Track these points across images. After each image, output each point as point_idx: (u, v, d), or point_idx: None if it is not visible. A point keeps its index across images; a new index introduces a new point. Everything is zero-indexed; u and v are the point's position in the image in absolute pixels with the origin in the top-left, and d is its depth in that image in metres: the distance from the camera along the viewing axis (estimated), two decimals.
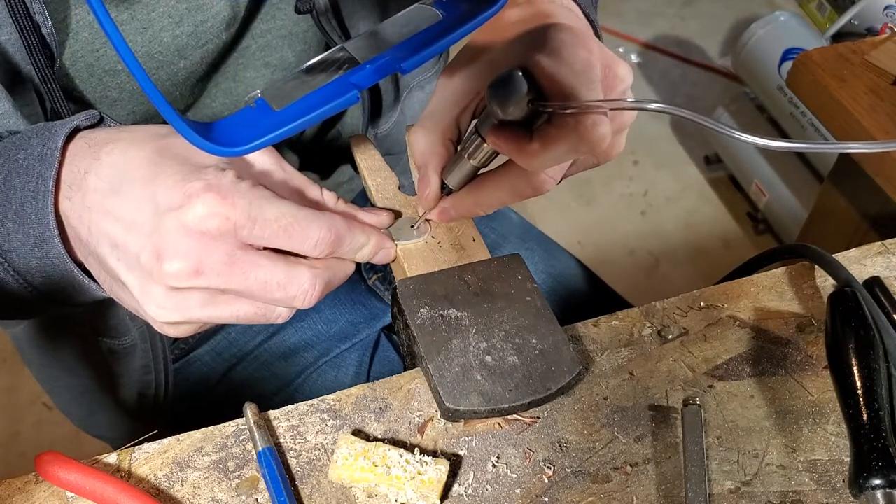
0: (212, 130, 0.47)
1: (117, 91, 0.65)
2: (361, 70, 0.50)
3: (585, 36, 0.54)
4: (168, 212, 0.48)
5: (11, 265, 0.53)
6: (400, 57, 0.50)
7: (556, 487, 0.55)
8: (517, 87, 0.50)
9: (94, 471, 0.52)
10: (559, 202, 2.18)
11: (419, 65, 0.50)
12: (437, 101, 0.60)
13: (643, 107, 0.50)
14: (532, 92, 0.51)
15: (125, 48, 0.42)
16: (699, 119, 0.47)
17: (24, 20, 0.54)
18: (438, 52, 0.50)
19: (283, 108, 0.48)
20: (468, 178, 0.60)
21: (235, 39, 0.70)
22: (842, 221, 1.30)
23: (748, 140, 0.46)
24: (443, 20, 0.51)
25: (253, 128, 0.47)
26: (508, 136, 0.53)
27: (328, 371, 0.86)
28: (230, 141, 0.46)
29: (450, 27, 0.50)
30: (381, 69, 0.50)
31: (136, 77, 0.42)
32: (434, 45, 0.50)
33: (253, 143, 0.47)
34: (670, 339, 0.63)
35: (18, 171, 0.52)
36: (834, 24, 2.05)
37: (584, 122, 0.50)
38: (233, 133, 0.47)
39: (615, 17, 2.67)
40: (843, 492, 0.55)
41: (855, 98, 1.09)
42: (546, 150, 0.51)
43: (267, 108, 0.48)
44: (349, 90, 0.48)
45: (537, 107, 0.51)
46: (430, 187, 0.60)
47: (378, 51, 0.50)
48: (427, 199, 0.61)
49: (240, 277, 0.49)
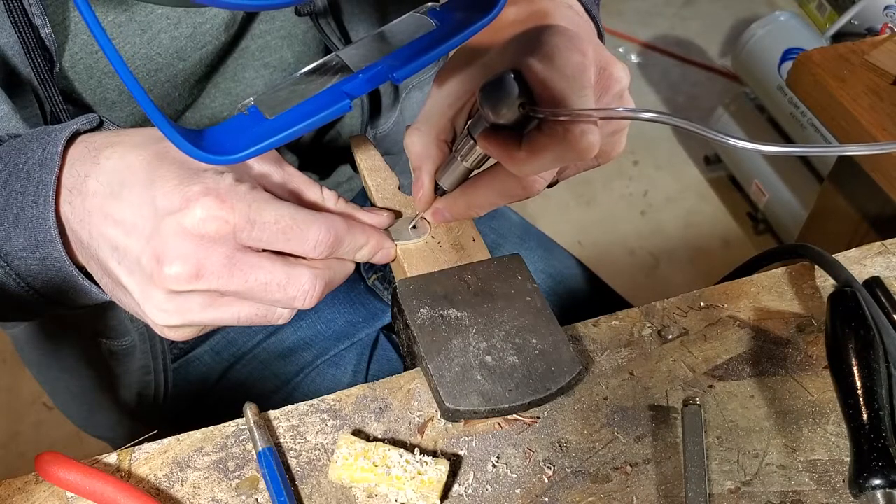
0: (203, 138, 0.47)
1: (116, 93, 0.65)
2: (354, 79, 0.50)
3: (580, 38, 0.54)
4: (167, 215, 0.48)
5: (13, 268, 0.53)
6: (393, 66, 0.50)
7: (556, 487, 0.55)
8: (508, 90, 0.50)
9: (94, 471, 0.52)
10: (559, 202, 2.18)
11: (412, 74, 0.50)
12: (432, 102, 0.60)
13: (636, 116, 0.50)
14: (523, 95, 0.51)
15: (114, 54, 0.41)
16: (693, 127, 0.47)
17: (22, 23, 0.54)
18: (431, 62, 0.50)
19: (275, 116, 0.48)
20: (461, 179, 0.60)
21: (234, 40, 0.70)
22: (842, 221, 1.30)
23: (742, 146, 0.46)
24: (437, 29, 0.51)
25: (245, 136, 0.47)
26: (498, 140, 0.53)
27: (327, 370, 0.86)
28: (222, 149, 0.46)
29: (444, 36, 0.50)
30: (373, 78, 0.50)
31: (126, 84, 0.42)
32: (427, 55, 0.50)
33: (245, 152, 0.47)
34: (670, 339, 0.63)
35: (19, 176, 0.52)
36: (834, 24, 2.05)
37: (573, 131, 0.50)
38: (225, 141, 0.47)
39: (615, 17, 2.67)
40: (843, 492, 0.55)
41: (855, 98, 1.09)
42: (534, 158, 0.51)
43: (259, 117, 0.48)
44: (342, 99, 0.48)
45: (528, 111, 0.51)
46: (423, 189, 0.61)
47: (371, 60, 0.50)
48: (420, 200, 0.61)
49: (240, 279, 0.49)
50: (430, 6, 0.52)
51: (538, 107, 0.51)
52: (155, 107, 0.43)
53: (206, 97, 0.73)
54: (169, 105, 0.70)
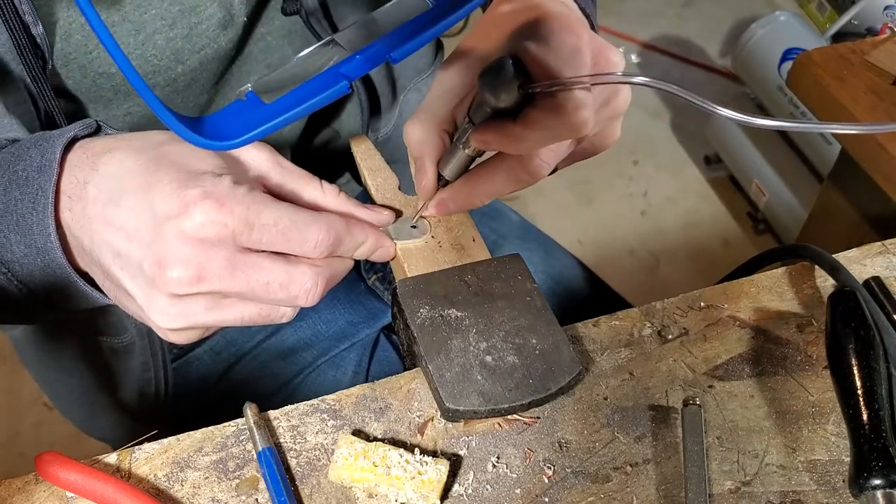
0: (203, 125, 0.47)
1: (112, 92, 0.65)
2: (351, 60, 0.50)
3: (575, 23, 0.54)
4: (167, 220, 0.48)
5: (14, 275, 0.54)
6: (390, 46, 0.50)
7: (556, 487, 0.55)
8: (506, 72, 0.50)
9: (94, 471, 0.52)
10: (559, 202, 2.18)
11: (409, 54, 0.50)
12: (432, 94, 0.60)
13: (627, 80, 0.50)
14: (521, 77, 0.51)
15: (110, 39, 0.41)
16: (684, 94, 0.47)
17: (13, 21, 0.54)
18: (428, 41, 0.50)
19: (273, 100, 0.48)
20: (464, 167, 0.60)
21: (238, 47, 0.70)
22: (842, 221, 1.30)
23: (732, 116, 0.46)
24: (432, 9, 0.51)
25: (244, 121, 0.47)
26: (494, 128, 0.53)
27: (327, 371, 0.86)
28: (221, 134, 0.46)
29: (439, 15, 0.50)
30: (370, 59, 0.50)
31: (122, 69, 0.42)
32: (423, 34, 0.50)
33: (244, 137, 0.47)
34: (670, 339, 0.63)
35: (18, 183, 0.52)
36: (834, 24, 2.05)
37: (566, 106, 0.50)
38: (224, 127, 0.47)
39: (615, 17, 2.67)
40: (843, 492, 0.55)
41: (855, 98, 1.09)
42: (529, 132, 0.51)
43: (258, 101, 0.48)
44: (339, 80, 0.48)
45: (527, 90, 0.51)
46: (427, 177, 0.61)
47: (367, 41, 0.50)
48: (424, 189, 0.61)
49: (242, 280, 0.49)
50: None
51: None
52: (153, 94, 0.43)
53: (214, 107, 0.73)
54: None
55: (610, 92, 0.56)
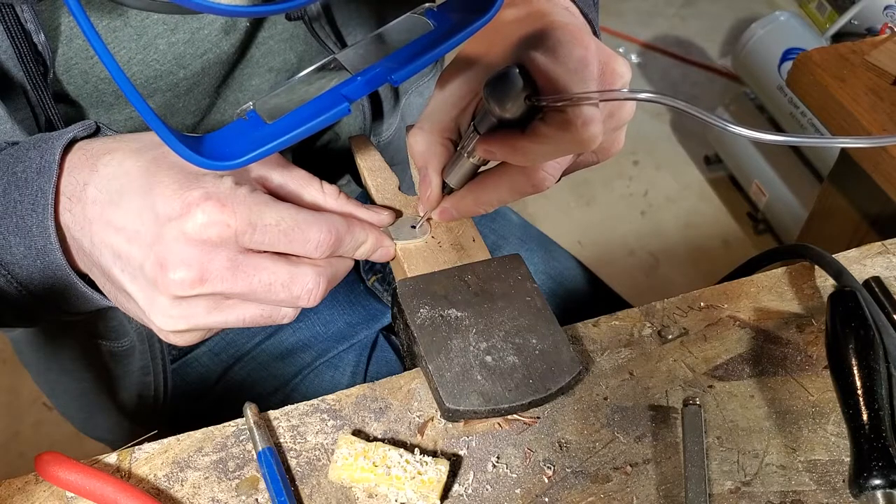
0: (203, 144, 0.47)
1: (113, 97, 0.64)
2: (352, 82, 0.50)
3: (582, 33, 0.54)
4: (168, 221, 0.48)
5: (14, 276, 0.54)
6: (391, 68, 0.50)
7: (556, 487, 0.55)
8: (513, 83, 0.50)
9: (94, 471, 0.52)
10: (559, 202, 2.18)
11: (410, 76, 0.50)
12: (435, 102, 0.60)
13: (635, 97, 0.50)
14: (528, 88, 0.51)
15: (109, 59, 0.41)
16: (694, 111, 0.47)
17: (14, 28, 0.54)
18: (430, 63, 0.50)
19: (274, 121, 0.48)
20: (468, 176, 0.60)
21: (240, 51, 0.70)
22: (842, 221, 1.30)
23: (744, 134, 0.46)
24: (434, 30, 0.51)
25: (245, 141, 0.47)
26: (500, 138, 0.53)
27: (325, 372, 0.86)
28: (221, 155, 0.46)
29: (441, 37, 0.50)
30: (372, 81, 0.50)
31: (122, 89, 0.42)
32: (425, 56, 0.50)
33: (244, 158, 0.47)
34: (670, 339, 0.63)
35: (18, 184, 0.52)
36: (834, 24, 2.05)
37: (575, 121, 0.50)
38: (224, 146, 0.47)
39: (615, 17, 2.67)
40: (843, 492, 0.55)
41: (855, 98, 1.09)
42: (536, 146, 0.51)
43: (259, 121, 0.48)
44: (340, 102, 0.48)
45: (534, 102, 0.51)
46: (432, 187, 0.60)
47: (369, 62, 0.50)
48: (429, 199, 0.61)
49: (244, 281, 0.49)
50: (427, 7, 0.52)
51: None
52: (152, 112, 0.43)
53: (216, 112, 0.73)
54: (175, 116, 0.69)
55: (615, 103, 0.56)
